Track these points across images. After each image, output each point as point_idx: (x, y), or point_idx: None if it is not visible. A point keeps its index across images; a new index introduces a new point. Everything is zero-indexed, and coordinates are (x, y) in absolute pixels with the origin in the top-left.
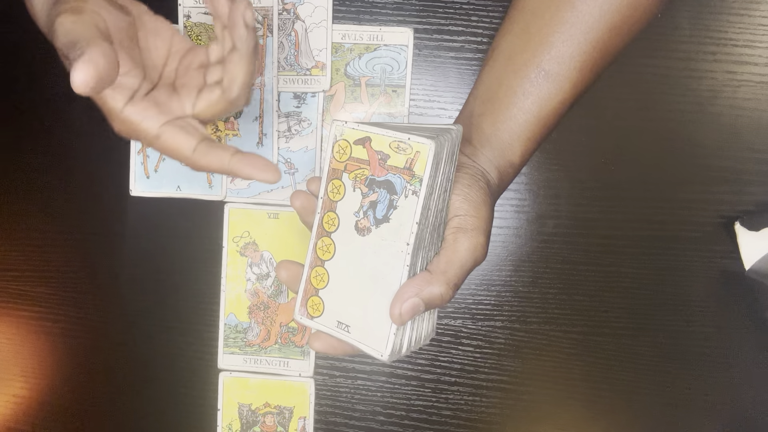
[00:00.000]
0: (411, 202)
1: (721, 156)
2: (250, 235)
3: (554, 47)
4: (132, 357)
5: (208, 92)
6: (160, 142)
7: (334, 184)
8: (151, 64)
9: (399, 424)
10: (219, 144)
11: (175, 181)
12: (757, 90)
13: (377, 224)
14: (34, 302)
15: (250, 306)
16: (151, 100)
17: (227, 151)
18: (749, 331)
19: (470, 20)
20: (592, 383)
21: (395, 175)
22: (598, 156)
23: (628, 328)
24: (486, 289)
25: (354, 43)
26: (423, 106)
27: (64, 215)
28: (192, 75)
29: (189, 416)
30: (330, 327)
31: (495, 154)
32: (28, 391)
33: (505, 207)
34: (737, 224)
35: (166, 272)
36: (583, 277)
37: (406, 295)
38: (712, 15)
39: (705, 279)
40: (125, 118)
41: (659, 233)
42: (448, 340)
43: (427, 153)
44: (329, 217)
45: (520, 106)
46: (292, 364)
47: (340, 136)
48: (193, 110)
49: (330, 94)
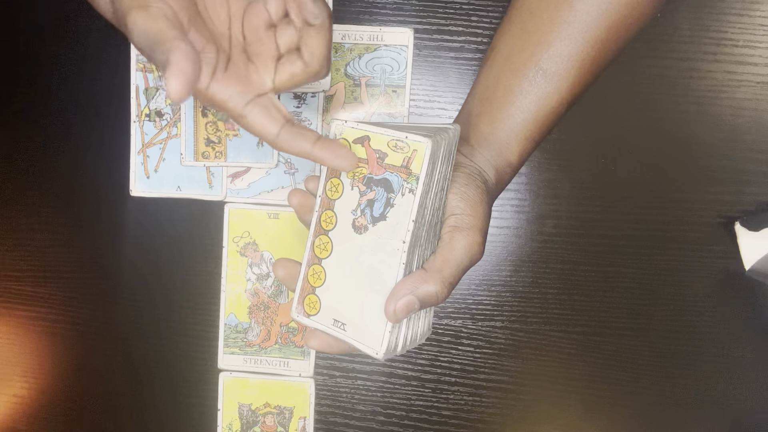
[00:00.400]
0: (407, 201)
1: (721, 156)
2: (250, 235)
3: (552, 46)
4: (132, 357)
5: (289, 65)
6: (245, 121)
7: (333, 183)
8: (217, 32)
9: (399, 424)
10: (302, 128)
11: (175, 181)
12: (757, 90)
13: (374, 222)
14: (34, 302)
15: (250, 306)
16: (232, 74)
17: (310, 138)
18: (749, 331)
19: (470, 20)
20: (592, 383)
21: (393, 174)
22: (598, 156)
23: (628, 328)
24: (486, 289)
25: (354, 43)
26: (423, 107)
27: (64, 215)
28: (262, 40)
29: (189, 416)
30: (326, 325)
31: (493, 153)
32: (28, 391)
33: (505, 207)
34: (737, 224)
35: (166, 272)
36: (583, 277)
37: (401, 293)
38: (712, 15)
39: (705, 279)
40: (212, 97)
41: (659, 233)
42: (448, 340)
43: (424, 151)
44: (327, 216)
45: (518, 105)
46: (292, 364)
47: (339, 135)
48: (273, 84)
49: (330, 94)
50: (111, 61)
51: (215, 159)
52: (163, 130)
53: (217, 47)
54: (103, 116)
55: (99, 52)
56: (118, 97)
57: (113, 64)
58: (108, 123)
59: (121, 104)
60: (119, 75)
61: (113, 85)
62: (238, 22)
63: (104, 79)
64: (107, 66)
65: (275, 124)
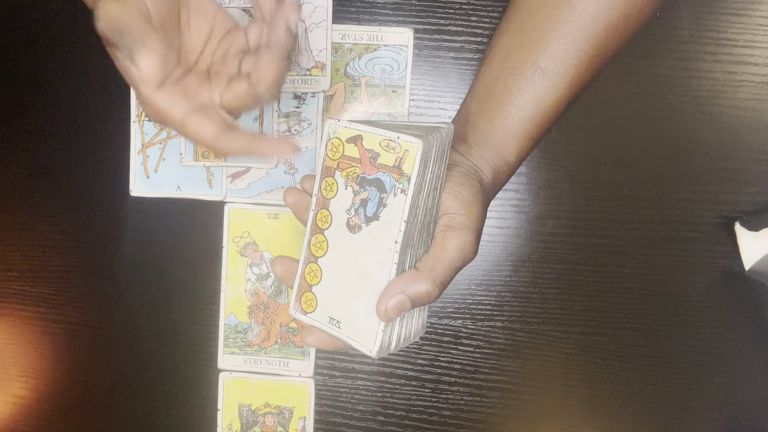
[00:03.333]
0: (399, 201)
1: (721, 156)
2: (250, 235)
3: (550, 45)
4: (132, 357)
5: (236, 84)
6: (185, 129)
7: (327, 182)
8: (190, 47)
9: (399, 424)
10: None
11: (175, 181)
12: (757, 90)
13: (368, 222)
14: (34, 302)
15: (250, 306)
16: (181, 87)
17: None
18: (749, 331)
19: (470, 20)
20: (592, 383)
21: (385, 174)
22: (598, 156)
23: (628, 328)
24: (486, 289)
25: (354, 43)
26: (423, 107)
27: (64, 215)
28: (228, 62)
29: (189, 416)
30: (322, 322)
31: (490, 152)
32: (28, 391)
33: (505, 207)
34: (737, 224)
35: (166, 272)
36: (583, 277)
37: (393, 292)
38: (712, 15)
39: (705, 279)
40: (154, 104)
41: (659, 233)
42: (448, 340)
43: (416, 152)
44: (322, 215)
45: (516, 103)
46: (292, 365)
47: (333, 134)
48: (220, 101)
49: (330, 95)
50: (111, 61)
51: (215, 159)
52: (163, 130)
53: (179, 60)
54: (103, 116)
55: (99, 52)
56: (118, 97)
57: (113, 64)
58: (108, 123)
59: (121, 104)
60: (119, 75)
61: (113, 85)
62: (216, 41)
63: (104, 79)
64: (107, 66)
65: (213, 128)
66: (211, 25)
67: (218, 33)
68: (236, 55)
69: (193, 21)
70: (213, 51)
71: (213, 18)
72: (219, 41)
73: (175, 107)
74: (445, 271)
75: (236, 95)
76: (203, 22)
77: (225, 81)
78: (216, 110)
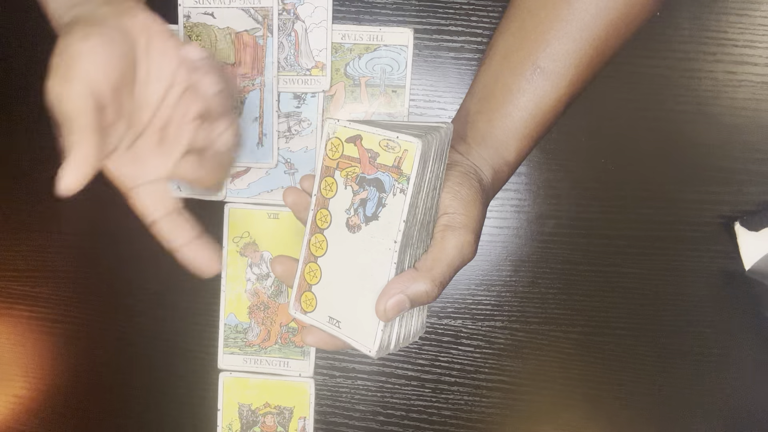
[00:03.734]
0: (399, 201)
1: (721, 156)
2: (250, 235)
3: (550, 45)
4: (132, 357)
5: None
6: (131, 200)
7: (327, 182)
8: (145, 102)
9: (399, 424)
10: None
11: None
12: (757, 90)
13: (367, 222)
14: (34, 302)
15: (250, 306)
16: (132, 154)
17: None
18: (749, 331)
19: (470, 20)
20: (592, 383)
21: (384, 173)
22: (598, 156)
23: (628, 328)
24: (486, 289)
25: (354, 44)
26: (423, 107)
27: (63, 215)
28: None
29: (189, 416)
30: (322, 322)
31: (490, 152)
32: (28, 391)
33: (505, 207)
34: (737, 224)
35: (166, 272)
36: (583, 277)
37: (392, 292)
38: (712, 15)
39: (705, 279)
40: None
41: (659, 233)
42: (448, 340)
43: (415, 152)
44: (322, 214)
45: (516, 103)
46: (292, 365)
47: (332, 134)
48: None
49: (330, 95)
50: None
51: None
52: None
53: (129, 125)
54: None
55: None
56: None
57: None
58: None
59: None
60: None
61: None
62: (174, 97)
63: None
64: None
65: (158, 211)
66: (170, 79)
67: (176, 91)
68: (192, 121)
69: (153, 73)
70: (171, 106)
71: (175, 71)
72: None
73: (124, 175)
74: (444, 270)
75: (185, 175)
76: (163, 76)
77: (177, 152)
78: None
